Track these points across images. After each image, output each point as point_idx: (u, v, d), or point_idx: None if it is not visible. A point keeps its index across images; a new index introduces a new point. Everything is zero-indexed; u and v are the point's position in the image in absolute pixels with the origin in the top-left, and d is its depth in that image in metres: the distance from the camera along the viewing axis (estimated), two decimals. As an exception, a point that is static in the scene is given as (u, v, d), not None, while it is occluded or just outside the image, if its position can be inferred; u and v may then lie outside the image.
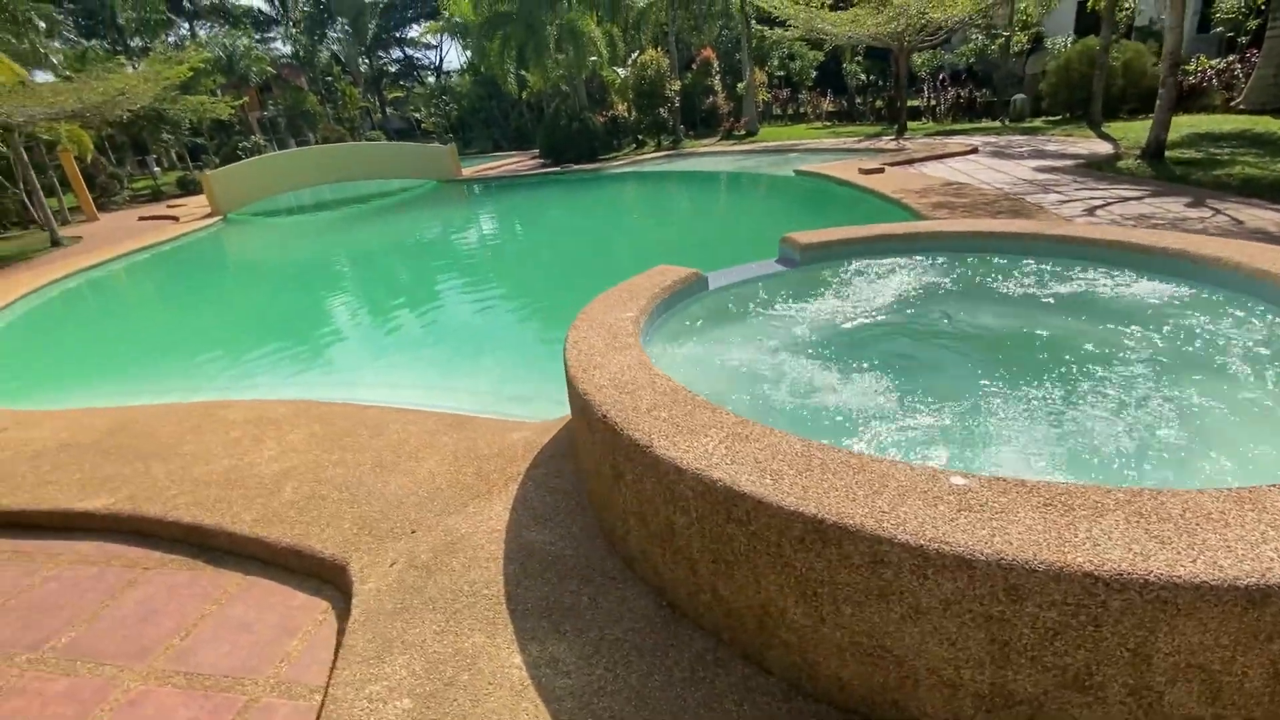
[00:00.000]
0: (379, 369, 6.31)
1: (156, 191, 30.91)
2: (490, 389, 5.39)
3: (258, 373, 6.66)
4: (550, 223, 14.83)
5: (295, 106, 39.44)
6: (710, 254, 9.25)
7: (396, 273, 11.55)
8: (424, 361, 6.49)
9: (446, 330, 7.64)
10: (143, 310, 10.71)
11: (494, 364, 6.10)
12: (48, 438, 4.43)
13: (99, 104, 15.87)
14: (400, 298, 9.63)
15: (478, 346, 6.83)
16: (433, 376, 5.88)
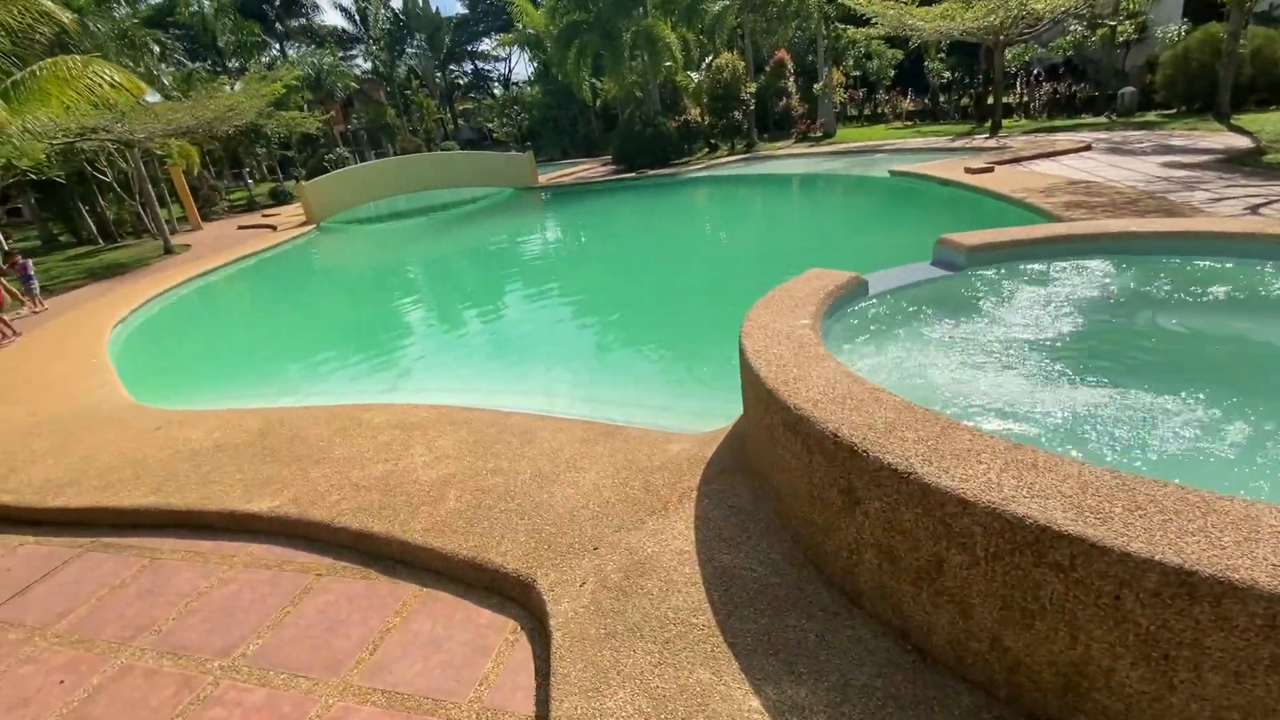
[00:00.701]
0: (505, 374, 6.30)
1: (251, 202, 32.75)
2: (630, 397, 5.27)
3: (383, 374, 6.79)
4: (640, 228, 14.66)
5: (376, 120, 41.12)
6: (824, 258, 8.83)
7: (499, 277, 11.65)
8: (550, 366, 6.42)
9: (561, 335, 7.58)
10: (258, 313, 11.20)
11: (624, 371, 5.98)
12: (201, 437, 4.56)
13: (211, 120, 16.87)
14: (507, 302, 9.66)
15: (601, 353, 6.74)
16: (562, 383, 5.81)
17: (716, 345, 5.61)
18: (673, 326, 7.09)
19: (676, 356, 6.24)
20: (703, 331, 6.57)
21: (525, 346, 7.24)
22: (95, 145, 18.88)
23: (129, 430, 4.92)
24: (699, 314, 7.19)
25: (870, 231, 10.33)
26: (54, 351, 7.89)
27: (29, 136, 12.99)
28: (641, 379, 5.76)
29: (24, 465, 4.54)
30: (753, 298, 3.51)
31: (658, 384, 5.57)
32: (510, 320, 8.65)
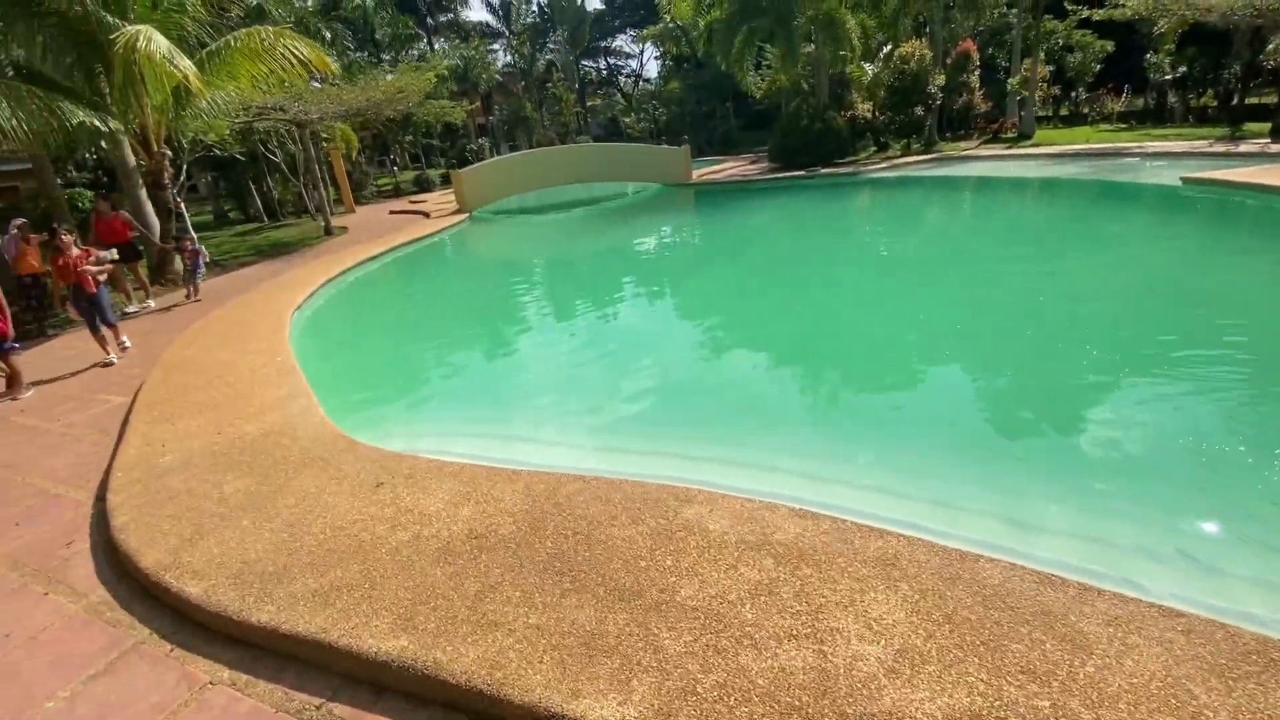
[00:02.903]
0: (817, 451, 4.47)
1: (397, 188, 33.52)
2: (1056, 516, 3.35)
3: (613, 409, 5.26)
4: (846, 237, 12.41)
5: (515, 113, 41.32)
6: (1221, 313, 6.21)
7: (689, 283, 10.04)
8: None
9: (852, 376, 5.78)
10: (435, 307, 10.11)
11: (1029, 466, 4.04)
12: (445, 514, 3.15)
13: (380, 102, 16.56)
14: (732, 321, 7.98)
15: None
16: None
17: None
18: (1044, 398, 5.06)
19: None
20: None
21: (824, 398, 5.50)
22: (270, 125, 19.25)
23: (340, 479, 3.62)
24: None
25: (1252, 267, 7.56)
26: (236, 341, 7.05)
27: (217, 111, 12.89)
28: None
29: (214, 526, 3.31)
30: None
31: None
32: (745, 341, 6.97)
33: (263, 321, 7.72)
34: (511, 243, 16.51)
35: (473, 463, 3.73)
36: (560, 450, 4.40)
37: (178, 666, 2.57)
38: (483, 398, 5.90)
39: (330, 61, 11.59)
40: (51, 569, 3.36)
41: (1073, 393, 4.81)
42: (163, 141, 11.73)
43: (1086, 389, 4.84)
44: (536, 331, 8.07)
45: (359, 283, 11.25)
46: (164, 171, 11.71)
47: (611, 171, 21.15)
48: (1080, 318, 6.36)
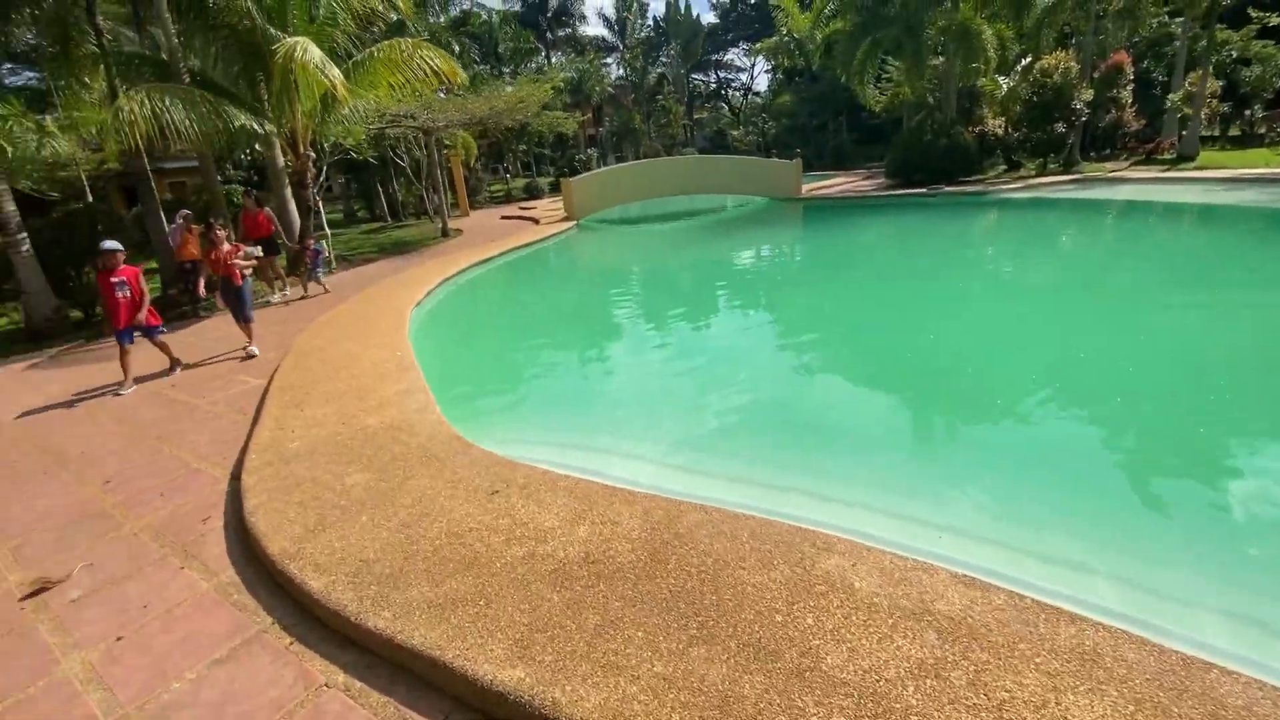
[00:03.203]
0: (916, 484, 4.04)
1: (508, 194, 34.92)
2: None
3: (739, 422, 5.00)
4: (973, 260, 11.41)
5: (624, 124, 42.02)
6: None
7: (806, 301, 9.59)
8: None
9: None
10: (545, 312, 10.21)
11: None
12: (561, 532, 3.00)
13: (502, 111, 17.22)
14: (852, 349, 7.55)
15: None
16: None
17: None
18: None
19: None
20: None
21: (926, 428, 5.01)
22: (401, 132, 20.51)
23: (455, 483, 3.58)
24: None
25: None
26: (361, 334, 7.38)
27: (356, 118, 13.82)
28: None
29: (335, 519, 3.34)
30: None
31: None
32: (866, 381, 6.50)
33: (385, 317, 8.06)
34: (619, 251, 16.58)
35: (587, 478, 3.58)
36: (676, 473, 4.16)
37: (296, 663, 2.55)
38: (593, 408, 5.75)
39: (459, 71, 12.10)
40: (189, 543, 3.52)
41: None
42: (308, 144, 12.69)
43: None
44: (647, 343, 7.89)
45: (472, 284, 11.63)
46: (307, 172, 12.64)
47: (719, 184, 20.92)
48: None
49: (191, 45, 12.21)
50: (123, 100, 9.15)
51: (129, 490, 4.26)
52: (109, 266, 6.41)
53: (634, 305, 10.37)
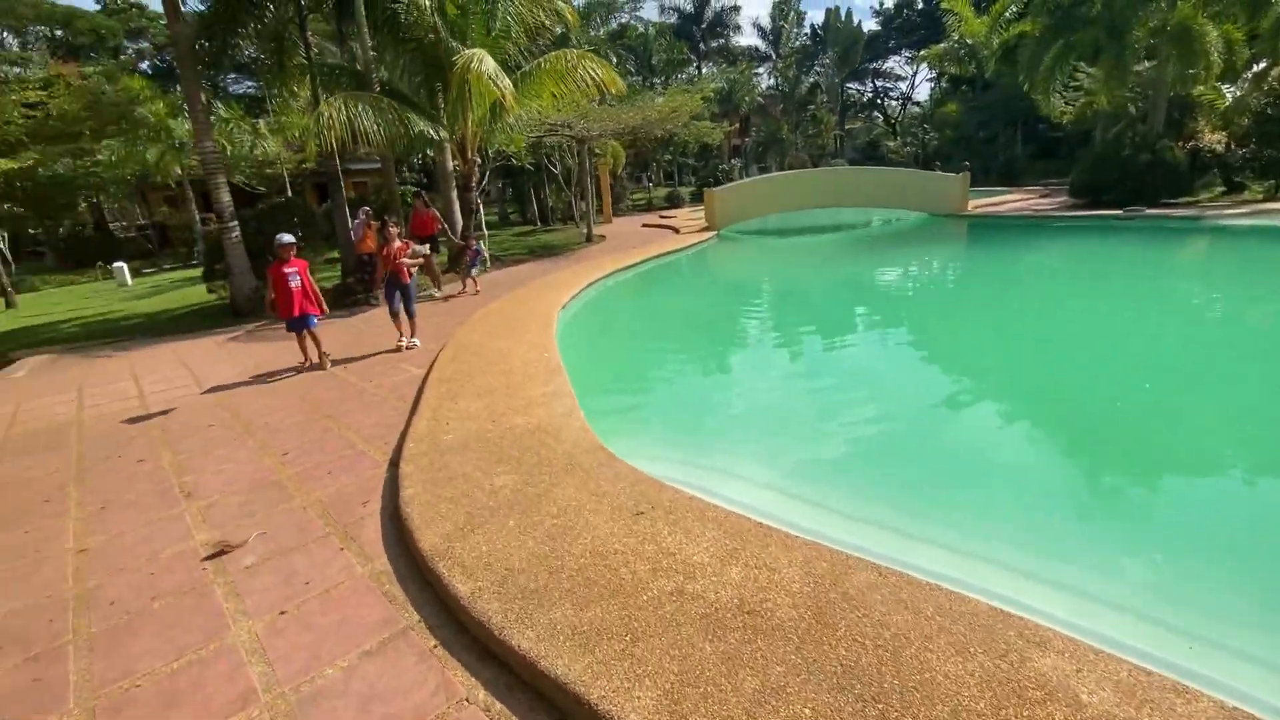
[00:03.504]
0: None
1: (650, 203, 35.47)
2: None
3: (914, 467, 4.50)
4: (1182, 297, 9.70)
5: (772, 134, 41.23)
6: None
7: (984, 331, 8.62)
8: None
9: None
10: (684, 322, 10.09)
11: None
12: (711, 568, 2.74)
13: (654, 120, 17.44)
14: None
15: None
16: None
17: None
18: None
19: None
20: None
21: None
22: (556, 140, 21.45)
23: (600, 496, 3.44)
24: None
25: None
26: (512, 332, 7.63)
27: (520, 126, 14.56)
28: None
29: (484, 519, 3.32)
30: None
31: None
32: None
33: (534, 317, 8.29)
34: (762, 264, 16.10)
35: (737, 511, 3.29)
36: (838, 519, 3.73)
37: (439, 669, 2.49)
38: (740, 431, 5.41)
39: (618, 80, 12.32)
40: (349, 525, 3.67)
41: None
42: (476, 150, 13.54)
43: None
44: (796, 365, 7.42)
45: (615, 289, 11.76)
46: (473, 176, 13.48)
47: (871, 197, 19.77)
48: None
49: (383, 58, 13.49)
50: (324, 106, 10.23)
51: (302, 465, 4.58)
52: (283, 258, 6.76)
53: (780, 322, 9.90)
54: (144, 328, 12.34)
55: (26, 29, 38.33)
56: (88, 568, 3.49)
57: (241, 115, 24.16)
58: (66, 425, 6.26)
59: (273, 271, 6.84)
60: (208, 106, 12.30)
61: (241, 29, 12.31)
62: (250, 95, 35.86)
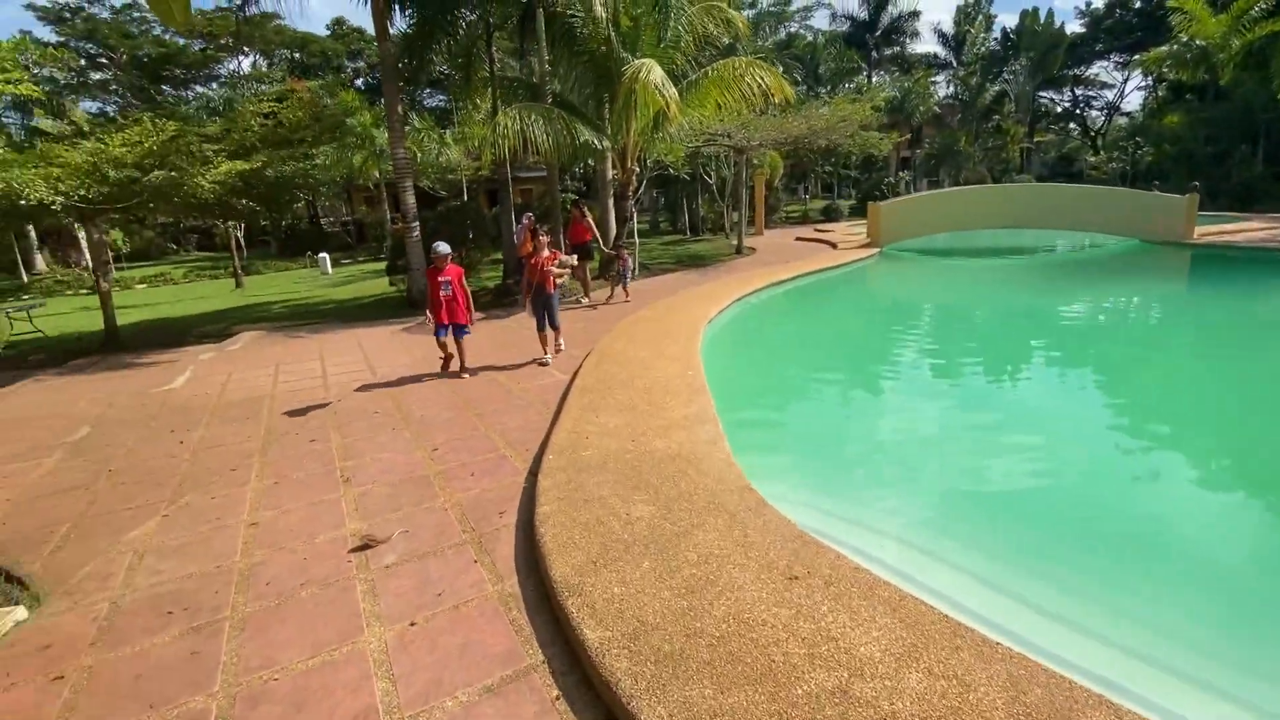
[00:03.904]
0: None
1: (805, 215, 34.22)
2: None
3: (1154, 564, 3.65)
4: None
5: (947, 146, 38.09)
6: None
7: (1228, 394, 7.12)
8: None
9: None
10: (844, 342, 9.38)
11: None
12: (884, 669, 2.25)
13: (821, 129, 16.66)
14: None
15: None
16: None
17: None
18: None
19: None
20: None
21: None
22: (714, 150, 21.26)
23: (747, 548, 3.05)
24: None
25: None
26: (656, 343, 7.45)
27: (681, 136, 14.51)
28: None
29: (617, 555, 3.06)
30: None
31: None
32: None
33: (680, 330, 8.05)
34: (933, 287, 14.66)
35: (913, 592, 2.73)
36: (1057, 628, 2.96)
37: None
38: (915, 487, 4.62)
39: (787, 87, 11.81)
40: (485, 535, 3.59)
41: None
42: (635, 160, 13.67)
43: None
44: (992, 414, 6.28)
45: (766, 305, 11.24)
46: (630, 185, 13.62)
47: (1067, 218, 17.38)
48: None
49: (556, 71, 14.07)
50: (500, 116, 10.78)
51: (448, 463, 4.65)
52: (439, 266, 6.72)
53: (962, 357, 8.74)
54: (335, 313, 13.83)
55: (274, 52, 45.50)
56: (255, 541, 3.71)
57: (431, 126, 26.71)
58: (262, 398, 7.00)
59: (429, 277, 6.90)
60: (404, 117, 13.57)
61: (436, 45, 13.40)
62: (440, 108, 39.74)
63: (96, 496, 4.66)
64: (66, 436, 6.09)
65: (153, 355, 10.05)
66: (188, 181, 9.38)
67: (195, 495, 4.43)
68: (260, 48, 44.30)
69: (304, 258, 28.43)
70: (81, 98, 36.40)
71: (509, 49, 20.28)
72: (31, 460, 5.53)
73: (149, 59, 38.25)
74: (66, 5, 36.17)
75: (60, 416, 7.03)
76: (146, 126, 9.43)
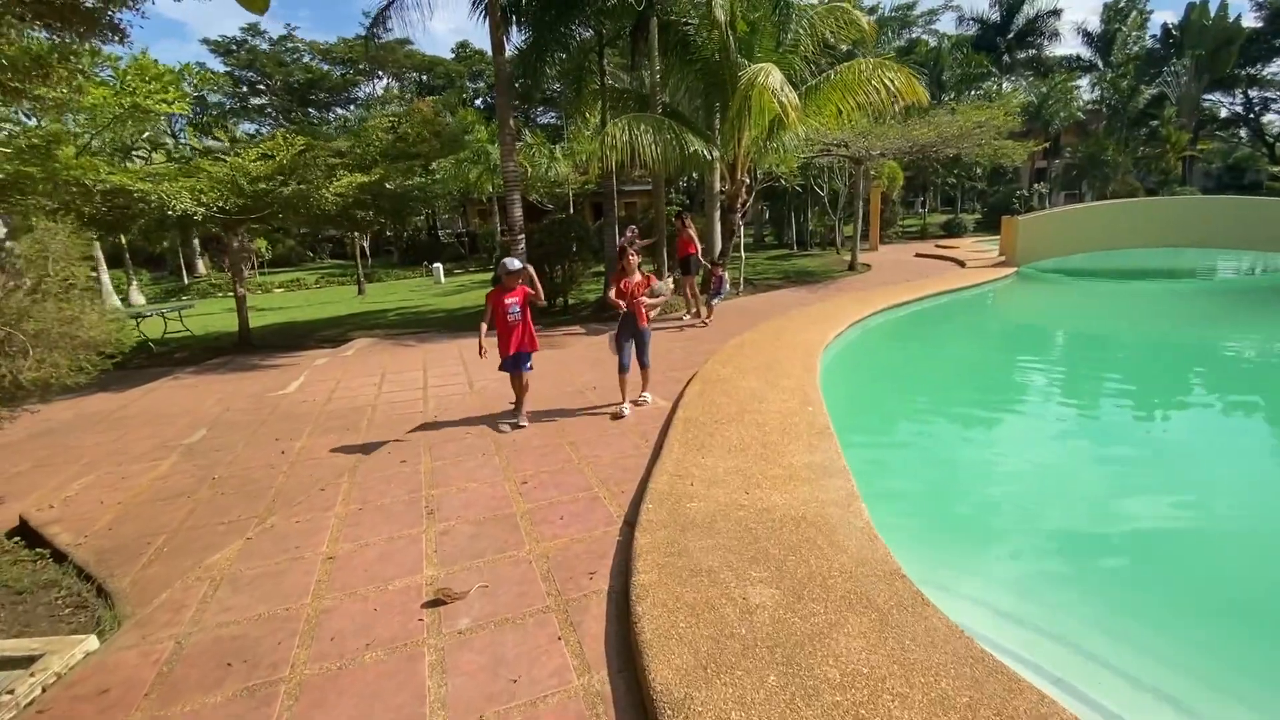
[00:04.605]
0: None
1: (924, 230, 31.96)
2: None
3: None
4: None
5: (1092, 155, 34.37)
6: None
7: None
8: None
9: None
10: (996, 379, 8.18)
11: None
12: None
13: (952, 136, 15.26)
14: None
15: None
16: None
17: None
18: None
19: None
20: None
21: None
22: (828, 161, 20.13)
23: (908, 668, 2.32)
24: None
25: None
26: (768, 370, 6.73)
27: (794, 146, 13.67)
28: None
29: (732, 660, 2.42)
30: None
31: None
32: None
33: (793, 356, 7.28)
34: (1088, 314, 12.76)
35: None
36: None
37: None
38: (1133, 581, 3.55)
39: (919, 88, 10.72)
40: (572, 601, 3.06)
41: None
42: (745, 171, 12.99)
43: None
44: (1188, 475, 5.13)
45: (891, 330, 10.19)
46: (739, 198, 12.94)
47: (1236, 236, 14.86)
48: None
49: (667, 81, 13.70)
50: (610, 127, 10.48)
51: (537, 500, 4.20)
52: (507, 286, 5.59)
53: (1151, 395, 7.34)
54: (442, 321, 14.12)
55: (404, 75, 48.92)
56: (328, 581, 3.40)
57: (542, 141, 27.35)
58: (364, 408, 6.96)
59: (493, 300, 5.63)
60: (515, 132, 13.68)
61: (549, 59, 13.41)
62: (551, 125, 40.90)
63: (196, 506, 4.61)
64: (185, 438, 6.25)
65: (276, 358, 10.53)
66: (313, 194, 9.79)
67: (281, 516, 4.24)
68: (393, 70, 47.74)
69: (421, 267, 29.93)
70: (242, 120, 40.74)
71: (620, 64, 20.28)
72: (150, 461, 5.67)
73: (298, 84, 42.16)
74: (234, 39, 40.66)
75: (187, 414, 7.34)
76: (279, 142, 9.94)
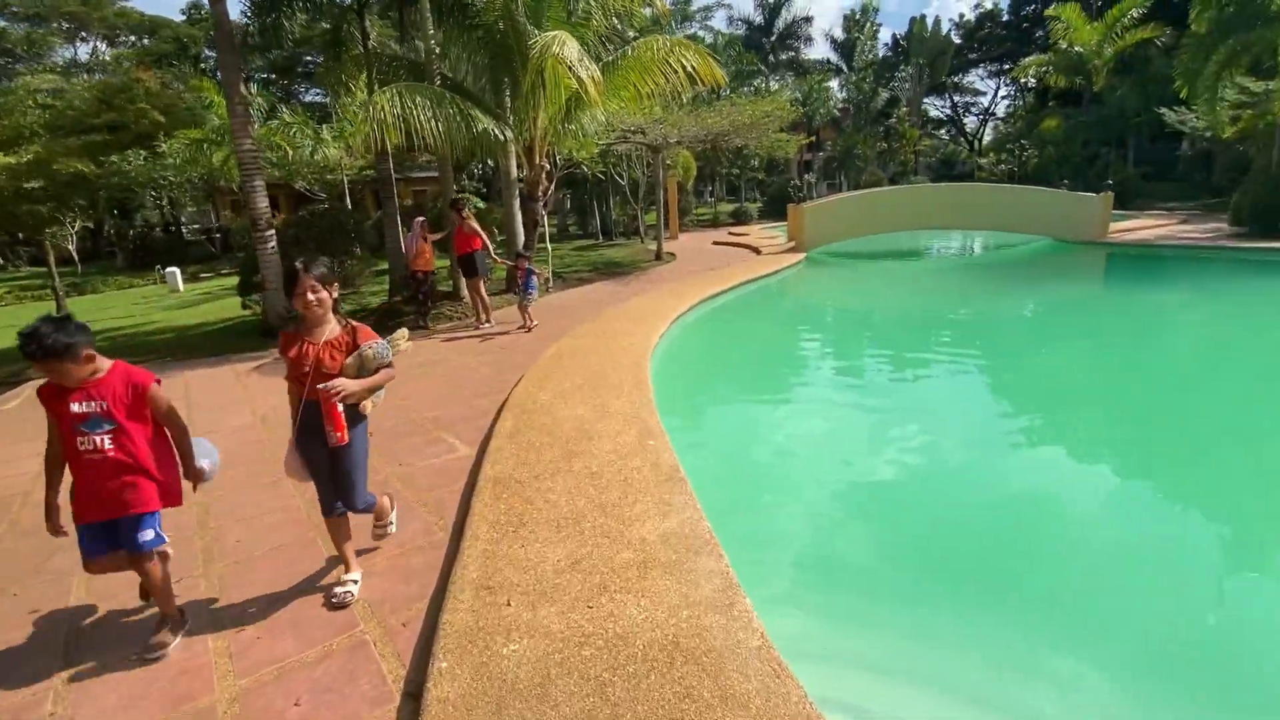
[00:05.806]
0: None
1: (716, 218, 33.39)
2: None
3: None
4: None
5: (847, 149, 38.69)
6: None
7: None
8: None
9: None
10: (830, 374, 7.88)
11: None
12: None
13: (741, 125, 15.46)
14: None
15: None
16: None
17: None
18: None
19: None
20: None
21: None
22: (627, 149, 19.66)
23: None
24: None
25: None
26: (593, 389, 5.62)
27: (594, 130, 12.74)
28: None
29: None
30: None
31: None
32: None
33: (620, 365, 6.27)
34: (882, 295, 13.41)
35: None
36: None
37: None
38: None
39: (717, 70, 10.34)
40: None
41: None
42: (544, 155, 11.75)
43: None
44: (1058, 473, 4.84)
45: (712, 323, 9.69)
46: (539, 184, 11.68)
47: (989, 219, 17.20)
48: None
49: (447, 52, 11.90)
50: (376, 96, 8.59)
51: (260, 673, 2.64)
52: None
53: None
54: (171, 345, 10.94)
55: (117, 37, 39.46)
56: None
57: (305, 120, 23.32)
58: (9, 499, 4.57)
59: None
60: (247, 102, 10.85)
61: (290, 14, 10.87)
62: (319, 104, 35.68)
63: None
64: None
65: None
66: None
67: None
68: (100, 32, 38.29)
69: (155, 272, 24.12)
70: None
71: (390, 35, 17.71)
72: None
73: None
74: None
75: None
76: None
